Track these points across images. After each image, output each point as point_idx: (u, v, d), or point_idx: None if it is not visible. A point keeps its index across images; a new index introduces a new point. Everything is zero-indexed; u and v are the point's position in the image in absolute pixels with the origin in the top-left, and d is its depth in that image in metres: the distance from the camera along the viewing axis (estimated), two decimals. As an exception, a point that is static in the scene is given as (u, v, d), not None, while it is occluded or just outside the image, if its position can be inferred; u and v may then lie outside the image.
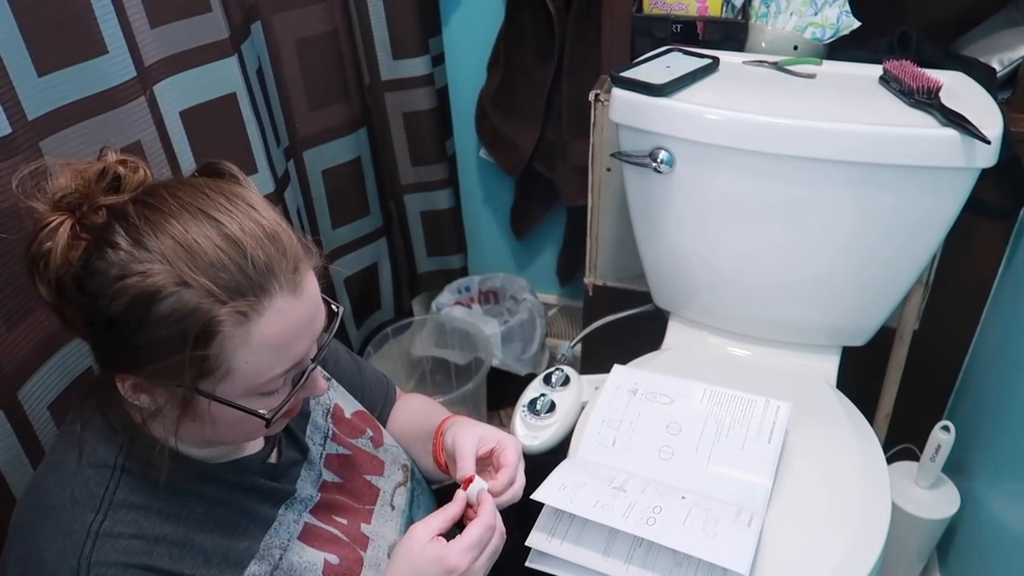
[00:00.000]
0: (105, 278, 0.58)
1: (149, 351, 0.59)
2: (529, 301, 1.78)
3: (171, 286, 0.57)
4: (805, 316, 1.17)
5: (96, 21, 0.84)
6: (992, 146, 0.92)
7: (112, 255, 0.58)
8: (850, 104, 1.02)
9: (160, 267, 0.57)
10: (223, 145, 1.07)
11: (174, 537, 0.65)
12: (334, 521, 0.79)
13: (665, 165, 1.06)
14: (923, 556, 1.31)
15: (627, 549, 0.85)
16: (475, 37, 1.61)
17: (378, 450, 0.89)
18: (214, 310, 0.58)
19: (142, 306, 0.57)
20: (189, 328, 0.57)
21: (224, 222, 0.60)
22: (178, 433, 0.65)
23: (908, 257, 1.06)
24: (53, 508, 0.63)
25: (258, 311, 0.60)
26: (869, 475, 0.98)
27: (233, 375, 0.61)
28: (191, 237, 0.58)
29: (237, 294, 0.58)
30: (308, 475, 0.80)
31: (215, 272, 0.58)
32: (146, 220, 0.59)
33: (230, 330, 0.59)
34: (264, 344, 0.61)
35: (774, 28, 1.19)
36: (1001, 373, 1.19)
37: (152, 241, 0.58)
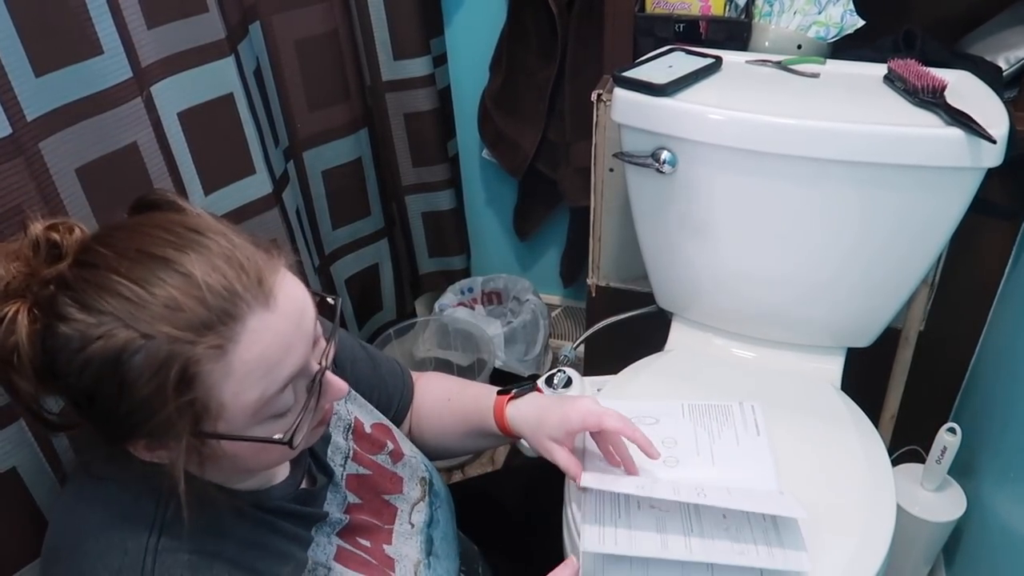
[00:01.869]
0: (66, 354, 0.55)
1: (137, 414, 0.56)
2: (532, 302, 1.78)
3: (135, 342, 0.54)
4: (809, 317, 1.16)
5: (91, 21, 0.83)
6: (998, 146, 0.91)
7: (66, 328, 0.55)
8: (854, 104, 1.01)
9: (116, 326, 0.54)
10: (221, 146, 1.06)
11: (227, 554, 0.63)
12: (359, 544, 0.78)
13: (668, 165, 1.05)
14: (929, 559, 1.30)
15: (681, 529, 0.84)
16: (477, 37, 1.61)
17: (397, 465, 0.87)
18: (185, 352, 0.54)
19: (111, 371, 0.54)
20: (166, 379, 0.54)
21: (170, 257, 0.56)
22: (206, 475, 0.63)
23: (913, 257, 1.05)
24: (103, 526, 0.61)
25: (232, 339, 0.56)
26: (874, 478, 0.97)
27: (227, 410, 0.58)
28: (138, 287, 0.54)
29: (205, 329, 0.55)
30: (334, 498, 0.78)
31: (173, 314, 0.54)
32: (87, 282, 0.55)
33: (208, 368, 0.55)
34: (248, 370, 0.57)
35: (777, 27, 1.18)
36: (1008, 374, 1.18)
37: (100, 303, 0.54)
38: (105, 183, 0.89)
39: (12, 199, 0.75)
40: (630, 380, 1.14)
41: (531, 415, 0.89)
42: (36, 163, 0.80)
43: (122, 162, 0.91)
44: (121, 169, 0.91)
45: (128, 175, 0.92)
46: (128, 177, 0.92)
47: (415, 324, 1.76)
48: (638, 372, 1.16)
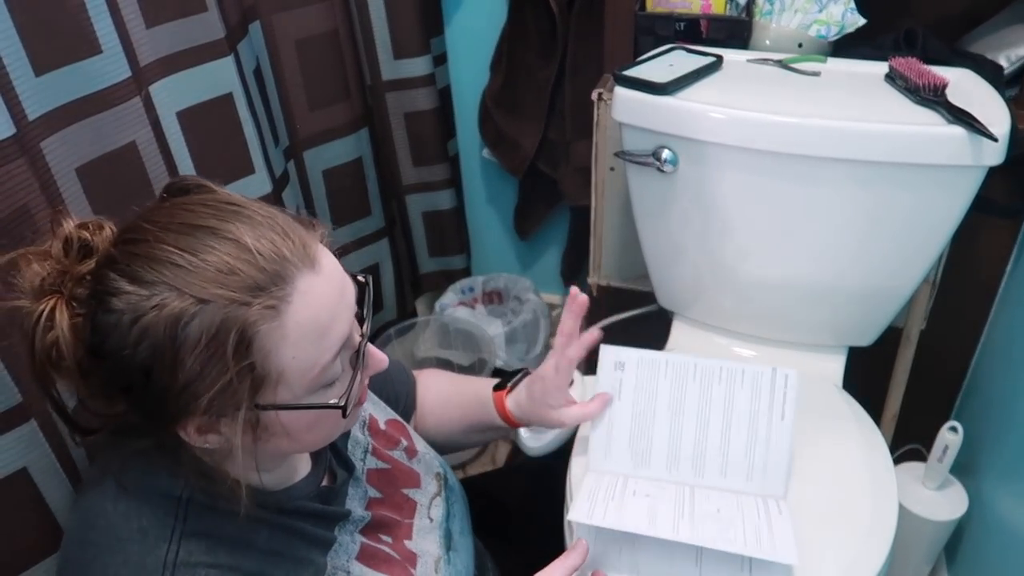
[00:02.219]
0: (120, 329, 0.55)
1: (196, 384, 0.55)
2: (533, 301, 1.78)
3: (190, 308, 0.54)
4: (810, 316, 1.16)
5: (89, 20, 0.83)
6: (999, 144, 0.91)
7: (117, 302, 0.55)
8: (855, 102, 1.01)
9: (170, 294, 0.54)
10: (220, 146, 1.06)
11: (245, 567, 0.63)
12: (381, 540, 0.78)
13: (669, 164, 1.05)
14: (931, 558, 1.30)
15: (672, 513, 0.85)
16: (477, 37, 1.60)
17: (412, 461, 0.88)
18: (243, 315, 0.55)
19: (169, 340, 0.54)
20: (225, 342, 0.54)
21: (215, 226, 0.57)
22: (258, 458, 0.62)
23: (915, 256, 1.05)
24: (120, 540, 0.60)
25: (285, 300, 0.56)
26: (875, 476, 0.97)
27: (286, 376, 0.58)
28: (188, 254, 0.55)
29: (258, 291, 0.55)
30: (355, 493, 0.78)
31: (226, 278, 0.55)
32: (135, 256, 0.56)
33: (265, 329, 0.56)
34: (303, 332, 0.57)
35: (778, 26, 1.18)
36: (1009, 373, 1.18)
37: (151, 273, 0.55)
38: (105, 183, 0.88)
39: (19, 199, 0.75)
40: (631, 379, 1.14)
41: (524, 400, 0.91)
42: (39, 163, 0.79)
43: (121, 162, 0.91)
44: (120, 169, 0.90)
45: (127, 175, 0.92)
46: (127, 177, 0.92)
47: (416, 324, 1.76)
48: (639, 371, 1.16)
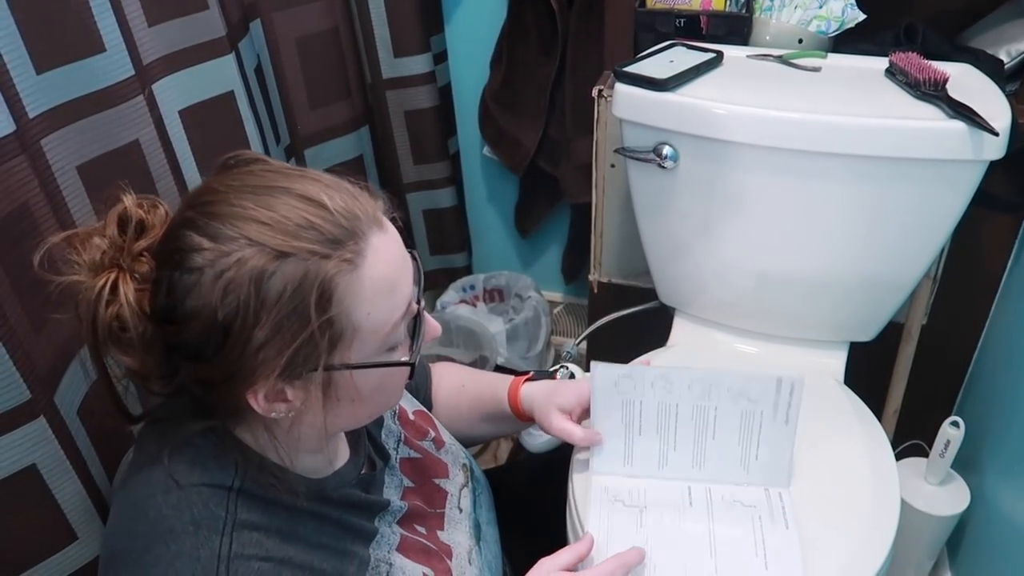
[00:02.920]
0: (201, 287, 0.55)
1: (277, 340, 0.56)
2: (534, 299, 1.78)
3: (272, 262, 0.55)
4: (812, 311, 1.16)
5: (93, 19, 0.83)
6: (1000, 138, 0.91)
7: (198, 259, 0.55)
8: (856, 97, 1.01)
9: (250, 249, 0.55)
10: (221, 144, 1.06)
11: (296, 559, 0.63)
12: (416, 531, 0.78)
13: (669, 160, 1.05)
14: (933, 553, 1.30)
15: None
16: (477, 34, 1.61)
17: (440, 451, 0.88)
18: (323, 267, 0.56)
19: (254, 293, 0.55)
20: (307, 295, 0.55)
21: (287, 186, 0.58)
22: (325, 423, 0.63)
23: (916, 251, 1.05)
24: (172, 532, 0.59)
25: (360, 254, 0.58)
26: (877, 471, 0.97)
27: (360, 333, 0.59)
28: (266, 211, 0.56)
29: (336, 244, 0.57)
30: (391, 481, 0.79)
31: (305, 232, 0.56)
32: (212, 215, 0.57)
33: (344, 283, 0.57)
34: (377, 288, 0.59)
35: (778, 22, 1.18)
36: (1010, 367, 1.18)
37: (230, 230, 0.56)
38: (106, 181, 0.88)
39: (19, 196, 0.76)
40: (633, 376, 1.14)
41: (543, 390, 0.92)
42: (39, 160, 0.80)
43: (124, 160, 0.91)
44: (123, 167, 0.91)
45: (129, 173, 0.91)
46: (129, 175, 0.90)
47: (417, 322, 1.76)
48: (641, 368, 1.16)
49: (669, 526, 0.86)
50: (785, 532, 0.85)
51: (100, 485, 0.87)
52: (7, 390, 0.74)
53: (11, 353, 0.73)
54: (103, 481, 0.89)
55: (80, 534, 0.84)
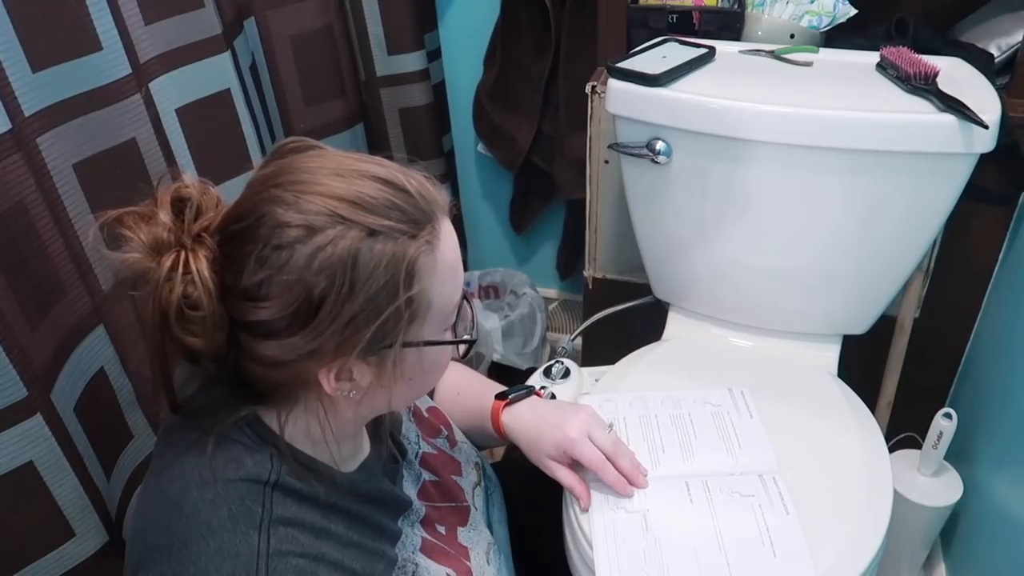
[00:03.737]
0: (294, 263, 0.56)
1: (365, 314, 0.57)
2: (529, 295, 1.78)
3: (364, 239, 0.57)
4: (805, 305, 1.17)
5: (90, 17, 0.83)
6: (990, 131, 0.92)
7: (291, 233, 0.56)
8: (848, 91, 1.02)
9: (343, 228, 0.56)
10: (218, 142, 1.06)
11: (329, 556, 0.63)
12: (436, 532, 0.78)
13: (663, 156, 1.06)
14: (927, 544, 1.31)
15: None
16: (471, 32, 1.61)
17: (454, 450, 0.89)
18: (410, 247, 0.58)
19: (348, 270, 0.56)
20: (397, 272, 0.58)
21: (362, 169, 0.60)
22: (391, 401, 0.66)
23: (908, 244, 1.06)
24: (210, 528, 0.59)
25: (437, 236, 0.61)
26: (871, 463, 0.97)
27: (432, 310, 0.62)
28: (350, 190, 0.57)
29: (418, 226, 0.59)
30: (409, 475, 0.79)
31: (392, 212, 0.58)
32: (301, 192, 0.57)
33: (424, 262, 0.59)
34: (447, 268, 0.62)
35: (770, 17, 1.18)
36: (1002, 359, 1.18)
37: (320, 207, 0.57)
38: (103, 179, 0.89)
39: (15, 194, 0.76)
40: (627, 370, 1.15)
41: (528, 429, 0.89)
42: (35, 158, 0.80)
43: (121, 158, 0.91)
44: (119, 165, 0.91)
45: (126, 171, 0.92)
46: (126, 173, 0.92)
47: (413, 319, 1.76)
48: (635, 362, 1.17)
49: (675, 526, 0.86)
50: (786, 517, 0.87)
51: (97, 482, 0.87)
52: (4, 388, 0.74)
53: (8, 351, 0.73)
54: (100, 478, 0.89)
55: (77, 530, 0.85)
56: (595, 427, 0.86)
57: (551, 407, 0.91)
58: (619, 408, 1.03)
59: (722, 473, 0.93)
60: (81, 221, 0.87)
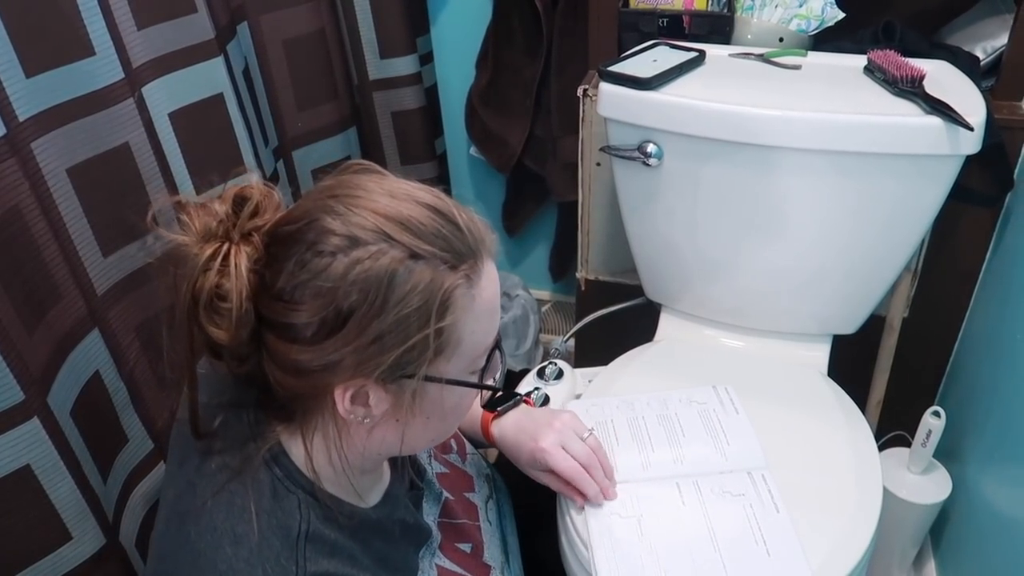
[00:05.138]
0: (332, 271, 0.56)
1: (392, 336, 0.57)
2: (522, 297, 1.79)
3: (404, 260, 0.56)
4: (795, 305, 1.18)
5: (83, 23, 0.84)
6: (975, 133, 0.93)
7: (334, 242, 0.56)
8: (835, 94, 1.03)
9: (386, 245, 0.56)
10: (212, 146, 1.07)
11: None
12: (458, 552, 0.78)
13: (654, 158, 1.07)
14: (917, 541, 1.32)
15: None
16: (463, 35, 1.61)
17: (465, 464, 0.89)
18: (448, 278, 0.57)
19: (383, 287, 0.56)
20: (432, 299, 0.57)
21: (417, 196, 0.60)
22: (404, 439, 0.64)
23: (895, 245, 1.07)
24: (250, 564, 0.58)
25: (478, 273, 0.60)
26: (861, 461, 0.98)
27: (461, 348, 0.60)
28: (401, 212, 0.57)
29: (461, 259, 0.59)
30: (429, 495, 0.80)
31: (437, 240, 0.57)
32: (353, 206, 0.58)
33: (460, 296, 0.58)
34: (484, 308, 0.61)
35: (759, 21, 1.20)
36: (990, 358, 1.20)
37: (367, 222, 0.57)
38: (97, 183, 0.89)
39: (9, 199, 0.76)
40: (620, 371, 1.16)
41: (509, 442, 0.89)
42: (29, 163, 0.80)
43: (114, 163, 0.91)
44: (113, 170, 0.91)
45: (120, 175, 0.92)
46: (120, 177, 0.93)
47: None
48: (628, 363, 1.18)
49: (669, 529, 0.87)
50: (777, 516, 0.88)
51: (94, 485, 0.87)
52: (1, 391, 0.74)
53: (4, 354, 0.74)
54: (97, 481, 0.89)
55: (74, 534, 0.85)
56: (568, 438, 0.86)
57: (531, 418, 0.90)
58: (606, 412, 1.04)
59: (712, 472, 0.94)
60: (75, 225, 0.88)
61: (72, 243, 0.87)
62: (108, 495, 0.92)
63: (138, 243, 0.91)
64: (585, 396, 1.10)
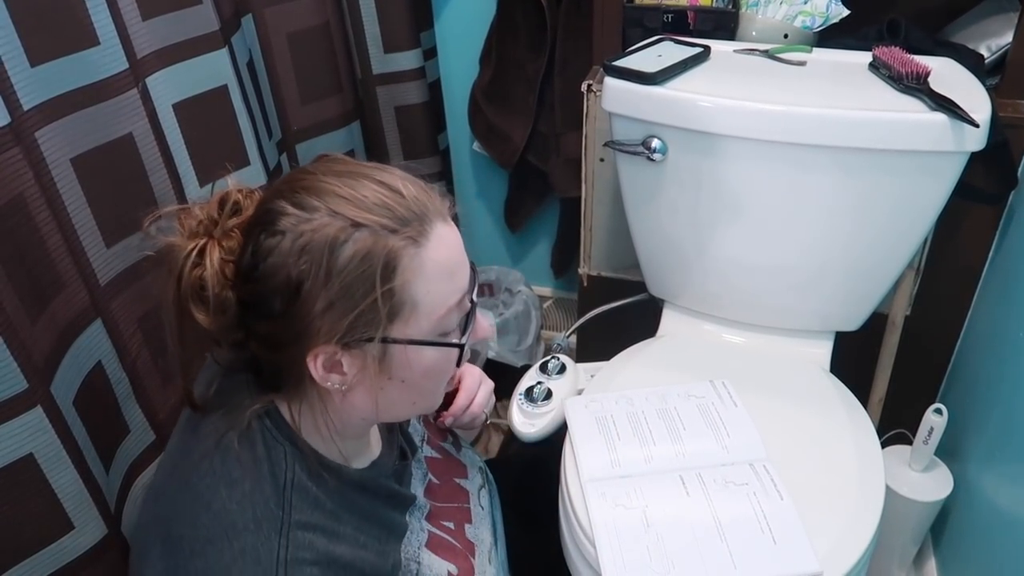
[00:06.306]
0: (282, 248, 0.60)
1: (341, 302, 0.60)
2: (524, 293, 1.79)
3: (346, 230, 0.60)
4: (798, 301, 1.18)
5: (88, 13, 0.84)
6: (980, 130, 0.93)
7: (284, 223, 0.61)
8: (840, 91, 1.03)
9: (330, 218, 0.60)
10: (215, 138, 1.07)
11: (342, 560, 0.66)
12: (443, 527, 0.81)
13: (658, 153, 1.07)
14: (917, 539, 1.32)
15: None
16: (467, 30, 1.61)
17: (460, 453, 0.92)
18: (389, 242, 0.61)
19: (326, 256, 0.60)
20: (374, 264, 0.60)
21: (369, 174, 0.64)
22: (377, 403, 0.67)
23: (899, 241, 1.07)
24: (235, 528, 0.62)
25: (424, 236, 0.63)
26: (863, 457, 0.98)
27: (418, 310, 0.63)
28: (348, 189, 0.62)
29: (404, 224, 0.62)
30: (417, 473, 0.82)
31: (379, 209, 0.61)
32: (303, 188, 0.62)
33: (407, 258, 0.61)
34: (437, 269, 0.63)
35: (764, 17, 1.20)
36: (992, 356, 1.20)
37: (315, 201, 0.61)
38: (100, 173, 0.89)
39: (13, 188, 0.76)
40: (622, 366, 1.16)
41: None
42: (33, 153, 0.80)
43: (117, 153, 0.91)
44: (116, 160, 0.91)
45: (123, 166, 0.93)
46: (123, 168, 0.93)
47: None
48: (630, 358, 1.18)
49: (675, 520, 0.88)
50: (781, 503, 0.88)
51: (96, 475, 0.88)
52: (4, 380, 0.74)
53: (7, 343, 0.74)
54: (99, 471, 0.89)
55: (76, 523, 0.85)
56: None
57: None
58: (606, 407, 1.04)
59: (714, 464, 0.94)
60: (79, 215, 0.88)
61: (75, 233, 0.87)
62: (110, 486, 0.92)
63: (141, 234, 0.92)
64: (587, 391, 1.10)
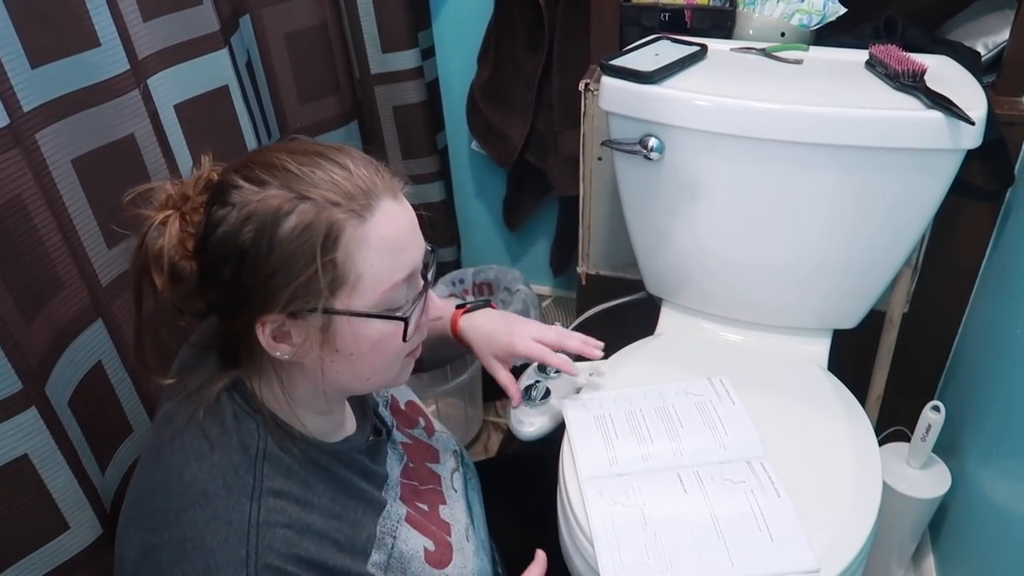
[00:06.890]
0: (231, 217, 0.62)
1: (285, 271, 0.62)
2: (523, 292, 1.79)
3: (291, 202, 0.62)
4: (795, 299, 1.18)
5: (89, 14, 0.84)
6: (977, 127, 0.93)
7: (234, 196, 0.63)
8: (837, 89, 1.03)
9: (278, 191, 0.62)
10: (217, 138, 1.07)
11: (314, 527, 0.67)
12: (418, 508, 0.82)
13: (655, 152, 1.07)
14: (916, 536, 1.33)
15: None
16: (465, 29, 1.62)
17: (431, 439, 0.93)
18: (332, 215, 0.62)
19: (270, 226, 0.61)
20: (315, 235, 0.62)
21: (324, 152, 0.66)
22: (324, 375, 0.68)
23: (896, 239, 1.08)
24: (207, 495, 0.64)
25: (370, 211, 0.64)
26: (860, 454, 0.99)
27: (362, 281, 0.64)
28: (299, 165, 0.64)
29: (349, 198, 0.63)
30: (393, 455, 0.84)
31: (325, 184, 0.63)
32: (256, 164, 0.65)
33: (351, 231, 0.63)
34: (382, 244, 0.65)
35: (761, 15, 1.20)
36: (990, 354, 1.20)
37: (265, 175, 0.63)
38: (102, 174, 0.89)
39: (12, 189, 0.76)
40: (621, 364, 1.16)
41: (483, 330, 0.97)
42: (33, 154, 0.81)
43: (119, 153, 0.92)
44: (118, 160, 0.92)
45: (125, 166, 0.93)
46: (125, 168, 0.93)
47: (407, 315, 1.77)
48: (628, 356, 1.18)
49: (673, 517, 0.88)
50: (778, 500, 0.88)
51: (91, 475, 0.88)
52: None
53: (2, 344, 0.74)
54: (94, 471, 0.89)
55: (72, 523, 0.85)
56: (538, 329, 0.97)
57: (504, 316, 0.99)
58: (604, 405, 1.04)
59: (712, 462, 0.94)
60: (80, 216, 0.88)
61: (76, 234, 0.88)
62: (107, 486, 0.93)
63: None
64: (585, 390, 1.10)
